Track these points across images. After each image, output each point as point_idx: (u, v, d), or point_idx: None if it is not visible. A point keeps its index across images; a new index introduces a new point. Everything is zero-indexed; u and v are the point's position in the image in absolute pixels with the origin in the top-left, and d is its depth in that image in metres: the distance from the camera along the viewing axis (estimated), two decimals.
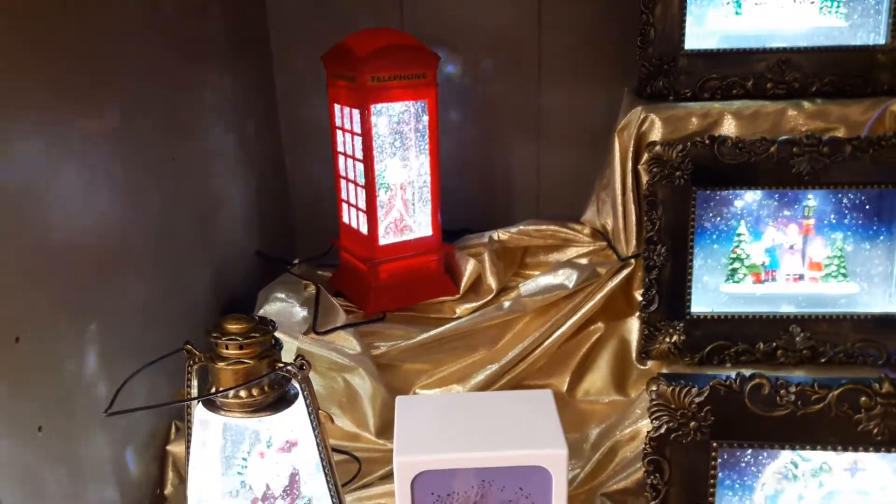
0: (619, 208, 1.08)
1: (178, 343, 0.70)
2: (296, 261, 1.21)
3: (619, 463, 0.92)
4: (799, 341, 0.95)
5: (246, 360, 0.68)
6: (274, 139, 1.35)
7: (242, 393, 0.69)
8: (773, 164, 0.92)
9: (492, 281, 1.14)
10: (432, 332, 1.07)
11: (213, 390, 0.70)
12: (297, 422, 0.72)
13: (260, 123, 1.30)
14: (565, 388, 1.11)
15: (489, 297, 1.14)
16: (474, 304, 1.13)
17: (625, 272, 1.08)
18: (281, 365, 0.70)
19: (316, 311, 1.05)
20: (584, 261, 1.16)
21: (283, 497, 0.74)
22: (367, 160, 1.02)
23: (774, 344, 0.95)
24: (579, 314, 1.08)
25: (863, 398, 0.62)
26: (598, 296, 1.08)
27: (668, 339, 0.97)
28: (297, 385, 0.71)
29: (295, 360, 0.70)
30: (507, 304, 1.10)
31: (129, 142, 0.87)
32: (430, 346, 1.08)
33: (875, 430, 0.63)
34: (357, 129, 1.02)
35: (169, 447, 0.92)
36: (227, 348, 0.69)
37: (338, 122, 1.09)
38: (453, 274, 1.17)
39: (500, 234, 1.19)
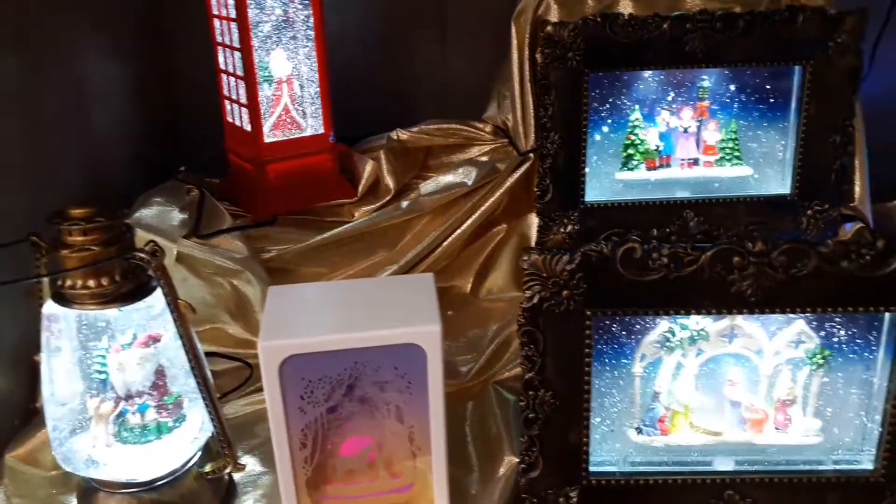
0: (518, 100, 1.05)
1: None
2: (182, 168, 1.13)
3: (513, 352, 0.91)
4: (693, 226, 0.95)
5: (92, 247, 0.63)
6: (155, 45, 1.25)
7: (91, 282, 0.64)
8: (666, 43, 0.89)
9: (389, 181, 1.10)
10: (327, 234, 1.03)
11: (60, 281, 0.65)
12: (157, 314, 0.68)
13: (140, 24, 1.20)
14: (469, 288, 1.09)
15: (387, 199, 1.10)
16: (373, 207, 1.09)
17: (524, 167, 1.05)
18: (131, 254, 0.65)
19: (199, 214, 0.99)
20: (485, 158, 1.12)
21: (149, 395, 0.70)
22: (245, 48, 0.95)
23: (668, 230, 0.95)
24: (479, 211, 1.06)
25: (735, 258, 0.61)
26: (498, 192, 1.05)
27: (562, 230, 0.96)
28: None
29: (146, 245, 0.64)
30: (405, 203, 1.07)
31: None
32: (327, 249, 1.04)
33: (749, 291, 0.62)
34: (233, 13, 0.95)
35: (37, 357, 0.86)
36: (70, 234, 0.63)
37: (214, 10, 1.00)
38: (351, 176, 1.12)
39: (400, 134, 1.14)
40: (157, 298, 0.67)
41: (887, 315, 0.64)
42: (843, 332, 0.66)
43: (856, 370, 0.67)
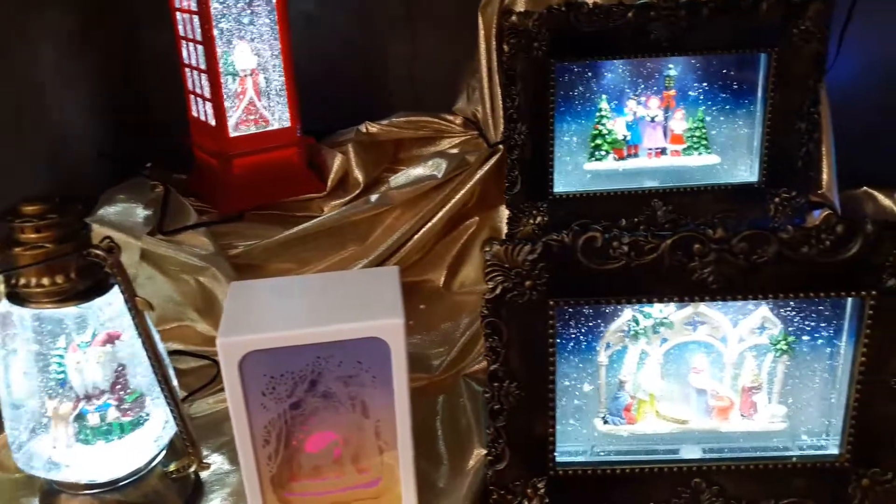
0: (486, 91, 1.04)
1: None
2: (148, 164, 1.12)
3: (482, 345, 0.90)
4: (661, 215, 0.95)
5: (45, 244, 0.62)
6: (120, 38, 1.23)
7: (46, 280, 0.62)
8: (631, 31, 0.89)
9: (358, 174, 1.09)
10: (295, 229, 1.02)
11: (14, 280, 0.63)
12: (116, 312, 0.67)
13: (104, 18, 1.18)
14: (442, 282, 1.09)
15: (357, 192, 1.09)
16: (342, 200, 1.09)
17: (494, 159, 1.04)
18: (87, 251, 0.64)
19: (163, 210, 0.97)
20: (455, 151, 1.12)
21: (110, 394, 0.68)
22: (207, 41, 0.93)
23: (637, 219, 0.95)
24: (450, 204, 1.05)
25: (696, 245, 0.61)
26: (469, 184, 1.05)
27: (531, 221, 0.95)
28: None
29: (101, 241, 0.63)
30: (374, 197, 1.06)
31: None
32: (296, 244, 1.03)
33: (710, 278, 0.62)
34: (194, 6, 0.93)
35: None
36: (23, 232, 0.62)
37: (177, 3, 0.99)
38: (320, 171, 1.11)
39: (370, 127, 1.14)
40: (116, 296, 0.65)
41: (850, 300, 0.64)
42: (806, 318, 0.66)
43: (819, 356, 0.67)
